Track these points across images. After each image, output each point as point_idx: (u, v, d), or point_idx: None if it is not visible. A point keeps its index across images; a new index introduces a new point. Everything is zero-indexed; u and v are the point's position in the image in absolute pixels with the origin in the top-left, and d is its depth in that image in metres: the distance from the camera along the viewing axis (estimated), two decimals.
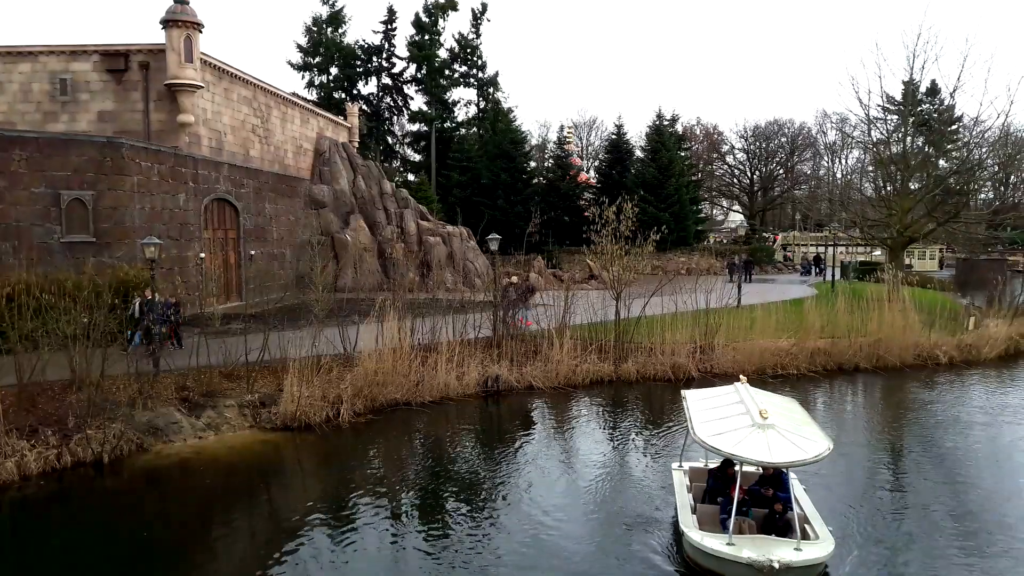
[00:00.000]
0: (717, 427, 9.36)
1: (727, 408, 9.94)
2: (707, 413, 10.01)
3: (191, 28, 26.58)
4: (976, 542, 10.53)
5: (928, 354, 23.40)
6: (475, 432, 16.79)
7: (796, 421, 9.58)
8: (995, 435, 16.31)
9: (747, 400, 9.89)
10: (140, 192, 22.44)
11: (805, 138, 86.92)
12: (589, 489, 12.66)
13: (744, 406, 9.71)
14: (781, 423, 9.08)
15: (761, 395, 10.35)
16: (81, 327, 14.73)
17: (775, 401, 10.26)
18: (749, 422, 9.09)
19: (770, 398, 10.38)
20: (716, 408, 10.11)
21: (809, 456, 8.61)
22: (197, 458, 14.18)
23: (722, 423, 9.43)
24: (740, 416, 9.44)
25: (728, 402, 10.22)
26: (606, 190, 54.06)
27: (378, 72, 62.58)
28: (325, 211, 36.25)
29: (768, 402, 9.95)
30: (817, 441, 9.03)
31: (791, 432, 8.91)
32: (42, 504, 12.17)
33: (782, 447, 8.65)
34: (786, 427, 9.00)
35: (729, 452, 8.78)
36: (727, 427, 9.23)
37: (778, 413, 9.43)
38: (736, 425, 9.18)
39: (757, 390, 10.68)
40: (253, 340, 17.86)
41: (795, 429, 9.09)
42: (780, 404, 10.17)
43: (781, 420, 9.19)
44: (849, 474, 13.45)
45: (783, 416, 9.45)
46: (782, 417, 9.33)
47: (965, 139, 41.28)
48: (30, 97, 27.42)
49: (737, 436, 8.92)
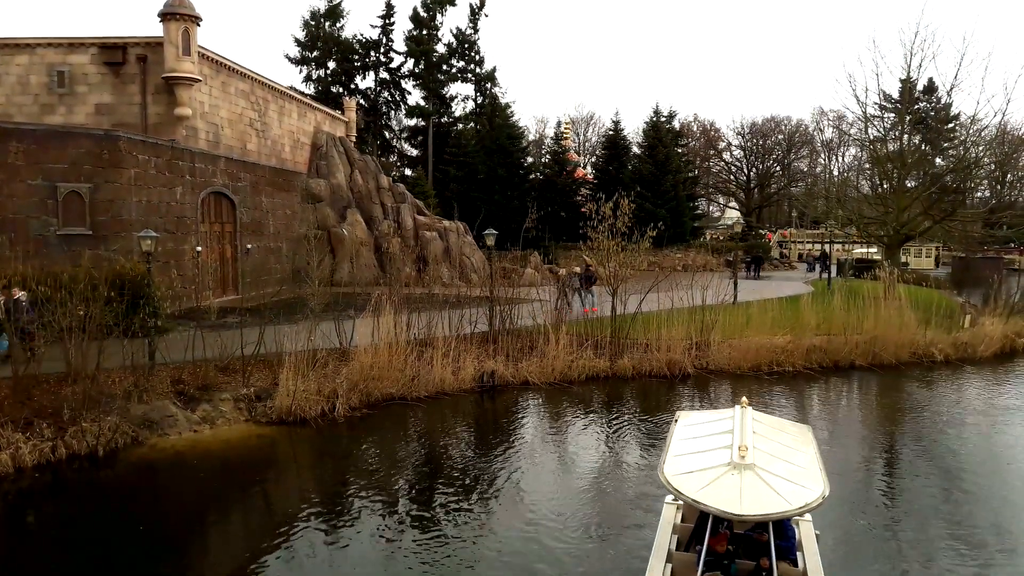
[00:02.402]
0: (689, 463, 7.76)
1: (712, 439, 8.31)
2: (688, 444, 8.39)
3: (189, 21, 26.54)
4: (971, 540, 10.58)
5: (924, 352, 23.47)
6: (470, 427, 16.82)
7: (787, 460, 7.88)
8: (989, 432, 16.38)
9: (738, 430, 8.17)
10: (137, 185, 22.41)
11: (802, 135, 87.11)
12: (584, 487, 12.70)
13: (731, 438, 8.04)
14: (764, 462, 7.48)
15: (760, 423, 8.70)
16: (77, 320, 14.71)
17: (771, 433, 8.56)
18: (726, 459, 7.51)
19: (768, 428, 8.69)
20: (700, 438, 8.47)
21: (792, 507, 6.95)
22: (192, 451, 14.19)
23: (697, 459, 7.85)
24: (720, 451, 7.84)
25: (717, 431, 8.53)
26: (603, 186, 54.09)
27: (376, 67, 62.49)
28: (322, 205, 36.21)
29: (761, 432, 8.33)
30: (807, 487, 7.33)
31: (774, 475, 7.33)
32: (37, 496, 12.18)
33: (757, 495, 7.03)
34: (769, 468, 7.41)
35: (691, 497, 7.09)
36: (700, 464, 7.67)
37: (766, 449, 7.88)
38: (711, 462, 7.62)
39: (761, 415, 9.03)
40: (249, 334, 17.84)
41: (782, 471, 7.50)
42: (776, 437, 8.46)
43: (765, 459, 7.59)
44: (845, 473, 13.49)
45: (771, 453, 7.84)
46: (769, 455, 7.75)
47: (962, 137, 41.34)
48: (27, 89, 27.37)
49: (706, 477, 7.34)
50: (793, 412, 17.73)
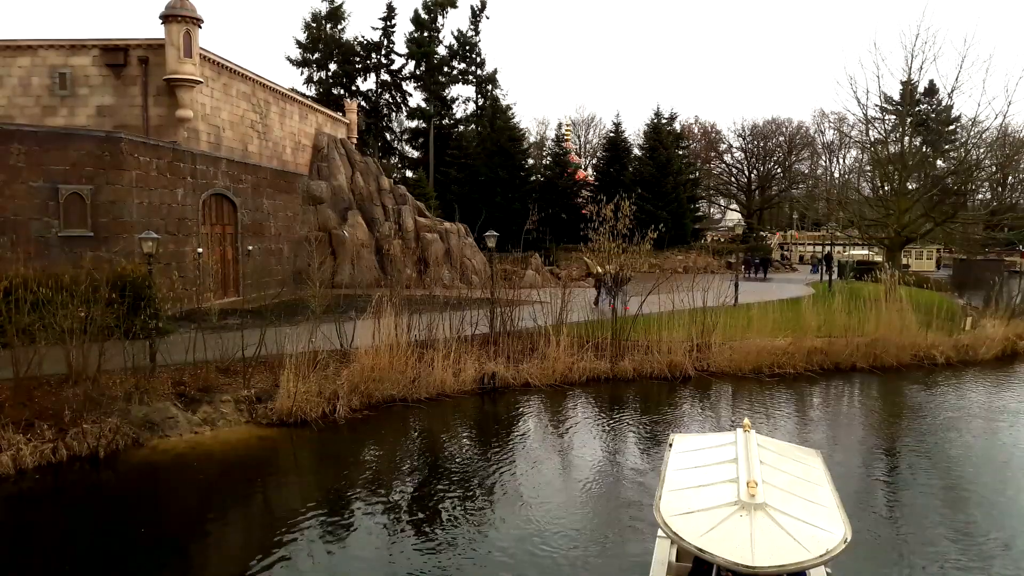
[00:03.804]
0: (689, 500, 6.65)
1: (714, 470, 7.21)
2: (686, 476, 7.24)
3: (190, 23, 26.57)
4: (972, 542, 10.56)
5: (925, 354, 23.44)
6: (471, 429, 16.82)
7: (802, 495, 6.78)
8: (991, 435, 16.36)
9: (742, 460, 7.10)
10: (138, 187, 22.43)
11: (803, 137, 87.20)
12: (584, 490, 12.68)
13: (736, 469, 6.97)
14: (777, 501, 6.40)
15: (766, 450, 7.58)
16: (78, 321, 14.72)
17: (780, 462, 7.46)
18: (732, 497, 6.41)
19: (776, 456, 7.57)
20: (700, 469, 7.35)
21: (811, 555, 5.98)
22: (193, 453, 14.20)
23: (698, 495, 6.73)
24: (724, 486, 6.72)
25: (718, 459, 7.45)
26: (604, 188, 54.18)
27: (377, 68, 62.57)
28: (323, 207, 36.24)
29: (769, 462, 7.24)
30: (826, 529, 6.28)
31: (789, 516, 6.30)
32: (37, 498, 12.18)
33: (771, 541, 6.06)
34: (783, 507, 6.34)
35: (694, 544, 6.06)
36: (702, 502, 6.56)
37: (777, 483, 6.81)
38: (715, 500, 6.52)
39: (766, 440, 7.94)
40: (250, 335, 17.86)
41: (797, 511, 6.43)
42: (785, 467, 7.37)
43: (777, 496, 6.50)
44: (846, 472, 13.48)
45: (783, 488, 6.76)
46: (780, 491, 6.66)
47: (963, 139, 41.36)
48: (29, 91, 27.41)
49: (710, 519, 6.29)
50: (793, 413, 17.74)
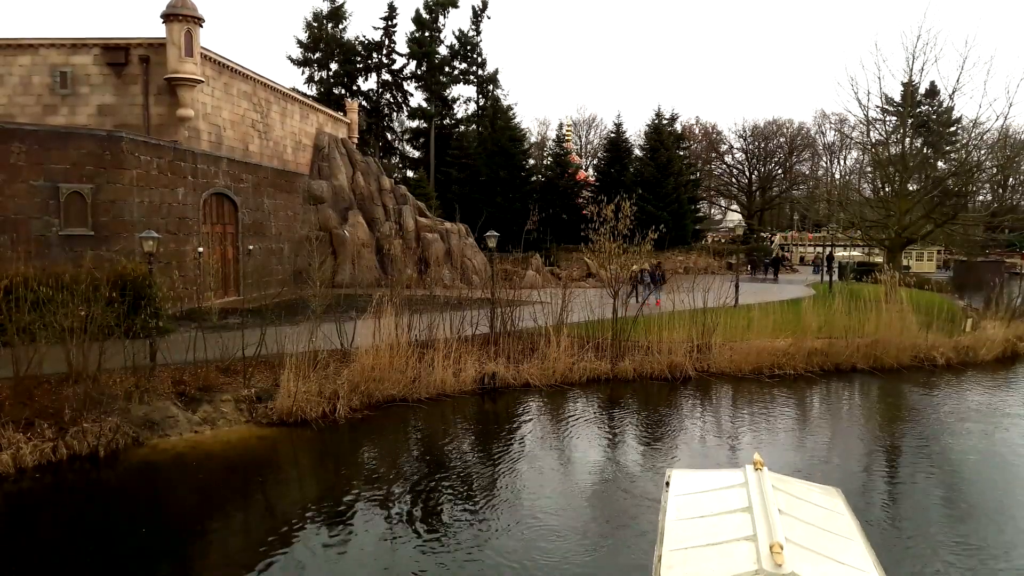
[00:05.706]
0: (698, 565, 5.49)
1: (724, 522, 5.93)
2: (690, 528, 5.97)
3: (191, 22, 26.58)
4: (973, 543, 10.56)
5: (925, 355, 23.41)
6: (471, 429, 16.81)
7: (831, 556, 5.51)
8: (991, 435, 16.35)
9: (757, 509, 5.85)
10: (139, 186, 22.43)
11: (804, 138, 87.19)
12: (585, 490, 12.70)
13: (751, 522, 5.71)
14: (808, 570, 5.12)
15: (782, 493, 6.27)
16: (79, 320, 14.71)
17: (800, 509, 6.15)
18: (753, 565, 5.13)
19: (795, 502, 6.27)
20: (707, 519, 6.07)
21: None
22: (193, 452, 14.19)
23: (707, 557, 5.53)
24: (741, 545, 5.46)
25: (728, 506, 6.16)
26: (605, 188, 54.16)
27: (378, 68, 62.56)
28: (323, 207, 36.24)
29: (789, 511, 5.96)
30: None
31: None
32: (37, 497, 12.18)
33: None
34: (816, 571, 5.18)
35: None
36: (715, 568, 5.36)
37: (801, 540, 5.53)
38: (731, 566, 5.27)
39: (780, 479, 6.65)
40: (250, 335, 17.86)
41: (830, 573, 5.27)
42: (807, 515, 6.09)
43: (804, 560, 5.22)
44: (845, 474, 13.48)
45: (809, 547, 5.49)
46: (807, 551, 5.40)
47: (964, 141, 41.32)
48: (30, 90, 27.40)
49: None
50: (794, 413, 17.73)
